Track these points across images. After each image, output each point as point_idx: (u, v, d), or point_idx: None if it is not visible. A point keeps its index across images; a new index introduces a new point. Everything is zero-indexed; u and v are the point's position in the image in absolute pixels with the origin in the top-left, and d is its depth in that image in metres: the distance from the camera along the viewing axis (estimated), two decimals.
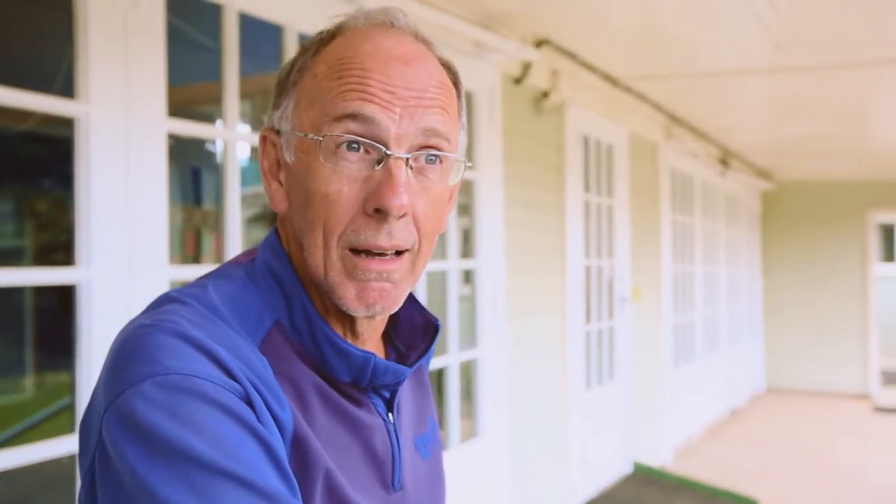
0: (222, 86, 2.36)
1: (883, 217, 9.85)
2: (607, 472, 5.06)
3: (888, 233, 13.96)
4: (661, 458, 5.98)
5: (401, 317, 0.92)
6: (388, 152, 0.76)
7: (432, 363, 2.87)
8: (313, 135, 0.77)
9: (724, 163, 7.61)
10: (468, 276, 3.75)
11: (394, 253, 0.78)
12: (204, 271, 0.86)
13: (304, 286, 0.82)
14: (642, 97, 5.31)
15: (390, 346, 0.93)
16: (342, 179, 0.76)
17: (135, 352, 0.69)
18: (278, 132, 0.82)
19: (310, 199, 0.78)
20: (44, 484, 3.20)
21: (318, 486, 0.75)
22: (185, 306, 0.75)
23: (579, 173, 4.63)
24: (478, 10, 3.44)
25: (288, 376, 0.77)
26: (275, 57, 2.65)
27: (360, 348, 0.81)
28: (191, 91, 3.81)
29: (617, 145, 5.25)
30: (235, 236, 2.32)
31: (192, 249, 4.88)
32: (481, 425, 3.65)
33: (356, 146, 0.77)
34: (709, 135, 6.89)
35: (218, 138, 2.86)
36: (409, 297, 0.89)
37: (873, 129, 6.67)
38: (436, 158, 0.80)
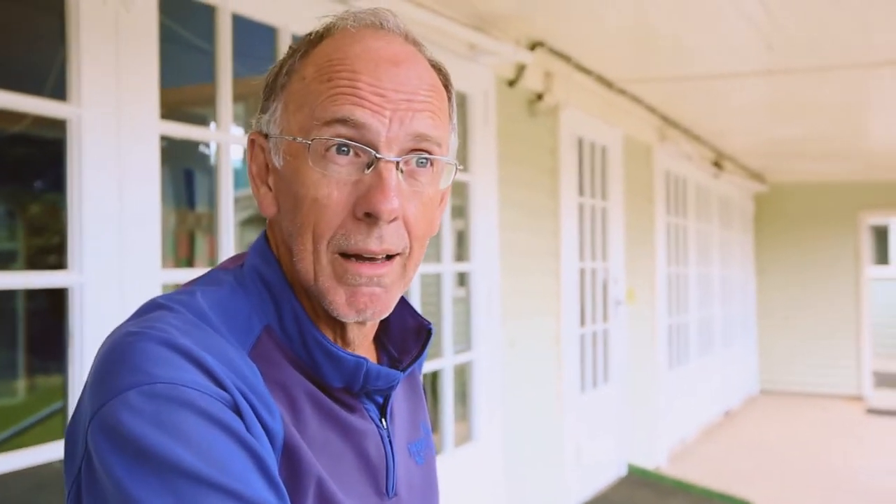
0: (216, 88, 2.35)
1: (876, 219, 9.87)
2: (602, 474, 5.06)
3: (881, 235, 13.99)
4: (656, 460, 5.99)
5: (392, 321, 0.90)
6: (378, 156, 0.75)
7: (426, 366, 2.86)
8: (302, 138, 0.76)
9: (717, 165, 7.62)
10: (462, 279, 3.75)
11: (384, 257, 0.77)
12: (197, 274, 0.85)
13: (294, 291, 0.80)
14: (636, 99, 5.31)
15: (382, 350, 0.91)
16: (332, 183, 0.75)
17: (121, 360, 0.68)
18: (266, 136, 0.81)
19: (299, 203, 0.77)
20: (36, 486, 3.19)
21: (310, 494, 0.74)
22: (172, 313, 0.74)
23: (573, 175, 4.63)
24: (472, 13, 3.43)
25: (279, 382, 0.76)
26: (269, 59, 2.64)
27: (351, 353, 0.79)
28: (184, 93, 3.80)
29: (611, 147, 5.25)
30: (229, 239, 2.31)
31: (185, 252, 4.87)
32: (476, 427, 3.64)
33: (346, 149, 0.75)
34: (702, 137, 6.90)
35: (211, 140, 2.85)
36: (401, 300, 0.88)
37: (866, 131, 6.69)
38: (427, 162, 0.78)
